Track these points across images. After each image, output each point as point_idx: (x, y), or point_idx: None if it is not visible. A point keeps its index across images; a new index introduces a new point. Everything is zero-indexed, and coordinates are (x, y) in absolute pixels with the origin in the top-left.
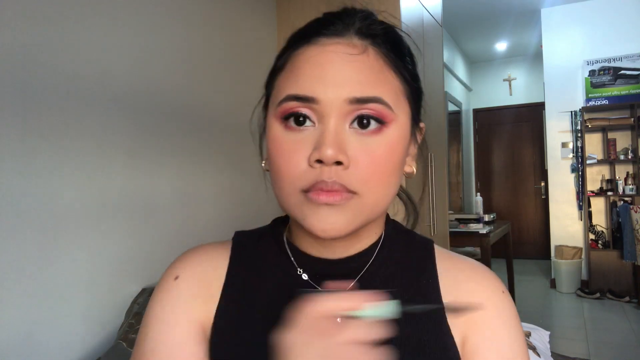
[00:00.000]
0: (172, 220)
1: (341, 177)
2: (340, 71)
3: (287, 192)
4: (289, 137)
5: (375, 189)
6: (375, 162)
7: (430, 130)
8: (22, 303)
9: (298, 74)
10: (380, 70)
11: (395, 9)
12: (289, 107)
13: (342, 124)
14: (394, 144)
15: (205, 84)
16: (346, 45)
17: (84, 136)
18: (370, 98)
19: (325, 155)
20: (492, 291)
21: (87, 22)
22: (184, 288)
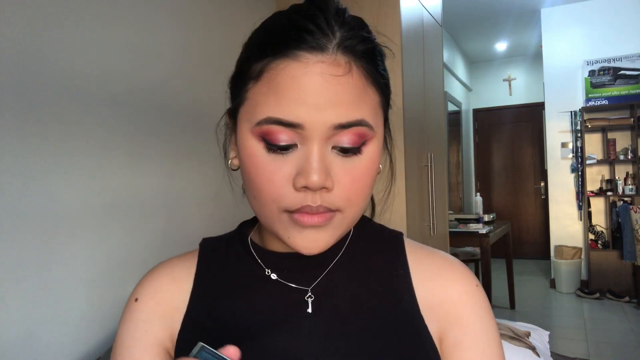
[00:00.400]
0: (173, 220)
1: (325, 199)
2: (324, 95)
3: (269, 210)
4: (269, 158)
5: (356, 204)
6: (356, 180)
7: (430, 130)
8: (22, 303)
9: (280, 95)
10: (363, 89)
11: (395, 9)
12: (271, 131)
13: (326, 147)
14: (373, 159)
15: (205, 83)
16: (330, 65)
17: (84, 136)
18: (353, 122)
19: (312, 183)
20: (467, 285)
21: (87, 22)
22: (143, 310)
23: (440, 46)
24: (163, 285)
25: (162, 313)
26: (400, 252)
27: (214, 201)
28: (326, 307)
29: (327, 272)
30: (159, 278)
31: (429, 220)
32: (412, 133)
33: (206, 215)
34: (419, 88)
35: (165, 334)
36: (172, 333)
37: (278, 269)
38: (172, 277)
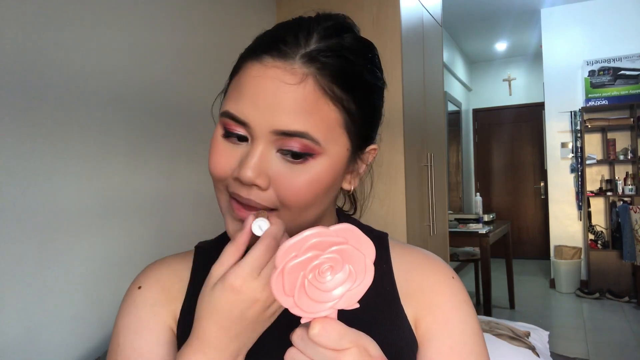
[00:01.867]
0: (172, 220)
1: (258, 196)
2: (271, 100)
3: (216, 187)
4: (225, 145)
5: (292, 210)
6: (294, 187)
7: (430, 130)
8: (22, 303)
9: (239, 91)
10: (314, 103)
11: (395, 9)
12: (227, 123)
13: (270, 149)
14: (318, 176)
15: (204, 84)
16: (284, 72)
17: (84, 136)
18: (295, 132)
19: (242, 176)
20: (442, 276)
21: (86, 22)
22: (148, 296)
23: (440, 46)
24: (164, 274)
25: (165, 298)
26: (384, 250)
27: (213, 201)
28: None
29: None
30: (160, 269)
31: (429, 220)
32: (412, 133)
33: (205, 215)
34: (419, 88)
35: (170, 318)
36: (175, 318)
37: None
38: (172, 269)
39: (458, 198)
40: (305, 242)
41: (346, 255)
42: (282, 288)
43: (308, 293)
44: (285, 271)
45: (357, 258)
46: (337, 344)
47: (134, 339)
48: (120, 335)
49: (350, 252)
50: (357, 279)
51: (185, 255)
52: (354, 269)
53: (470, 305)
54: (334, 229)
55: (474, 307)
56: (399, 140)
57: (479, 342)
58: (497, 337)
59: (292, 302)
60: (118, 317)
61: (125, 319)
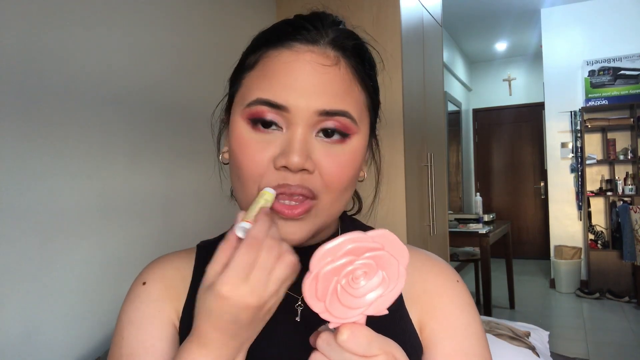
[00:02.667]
0: (172, 220)
1: (305, 181)
2: (312, 82)
3: (249, 190)
4: (254, 137)
5: (335, 192)
6: (338, 168)
7: (430, 130)
8: (22, 303)
9: (271, 78)
10: (349, 84)
11: (395, 8)
12: (258, 111)
13: (310, 132)
14: (355, 153)
15: (204, 84)
16: (320, 55)
17: (84, 136)
18: (338, 111)
19: (292, 163)
20: (446, 280)
21: (86, 22)
22: (153, 291)
23: (440, 46)
24: (167, 271)
25: (169, 295)
26: None
27: (213, 201)
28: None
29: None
30: (164, 266)
31: (429, 220)
32: (412, 133)
33: (205, 215)
34: (419, 88)
35: (174, 315)
36: (178, 314)
37: None
38: (175, 266)
39: (458, 198)
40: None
41: (381, 261)
42: (315, 293)
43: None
44: (320, 276)
45: (391, 264)
46: (366, 350)
47: (138, 333)
48: (125, 329)
49: (385, 258)
50: (390, 285)
51: (188, 253)
52: (387, 275)
53: (474, 308)
54: (371, 235)
55: (477, 310)
56: (399, 140)
57: (482, 344)
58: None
59: (322, 307)
60: (122, 312)
61: (129, 314)
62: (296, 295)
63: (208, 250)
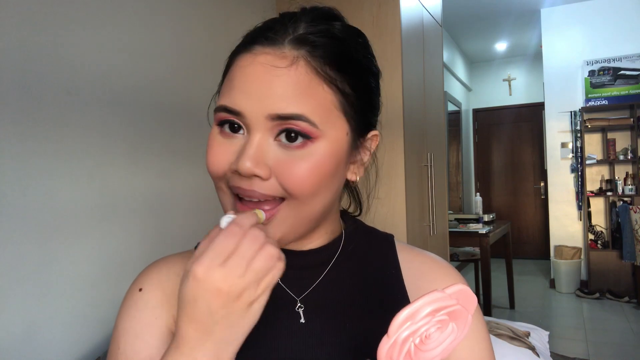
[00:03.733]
0: (172, 220)
1: (261, 187)
2: (263, 85)
3: (221, 189)
4: (221, 140)
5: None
6: (297, 173)
7: (430, 130)
8: (22, 303)
9: (231, 84)
10: (308, 85)
11: (395, 9)
12: (221, 117)
13: (267, 137)
14: (319, 161)
15: (203, 84)
16: (275, 57)
17: (84, 136)
18: (291, 115)
19: (242, 168)
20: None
21: (86, 22)
22: (150, 298)
23: (440, 46)
24: (164, 275)
25: (167, 302)
26: (392, 253)
27: (213, 201)
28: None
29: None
30: (160, 270)
31: (429, 220)
32: (412, 133)
33: (204, 215)
34: (419, 88)
35: (171, 322)
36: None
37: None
38: (173, 270)
39: (458, 198)
40: (422, 311)
41: (454, 315)
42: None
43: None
44: (398, 342)
45: (462, 317)
46: None
47: (135, 342)
48: (121, 338)
49: (458, 312)
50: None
51: (186, 255)
52: (456, 327)
53: (479, 311)
54: (450, 293)
55: (482, 313)
56: (399, 140)
57: (489, 348)
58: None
59: None
60: (118, 320)
61: (126, 322)
62: (300, 292)
63: None
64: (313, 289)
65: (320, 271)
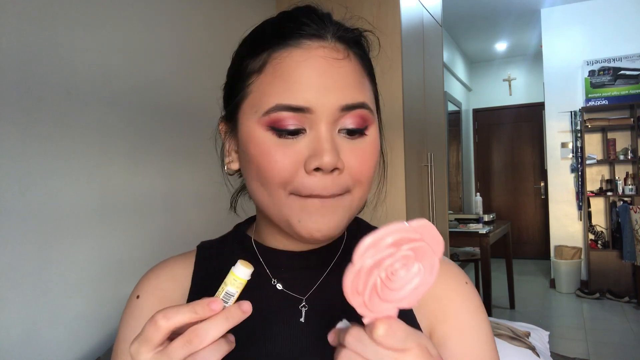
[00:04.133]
0: (172, 219)
1: (336, 182)
2: (330, 78)
3: (277, 196)
4: (278, 142)
5: (364, 185)
6: (364, 162)
7: (430, 130)
8: (22, 303)
9: (287, 80)
10: (361, 75)
11: (395, 9)
12: (280, 118)
13: (333, 129)
14: (375, 143)
15: (204, 84)
16: (331, 50)
17: (84, 136)
18: (358, 104)
19: (325, 163)
20: (455, 282)
21: (86, 22)
22: (146, 306)
23: (440, 46)
24: (162, 283)
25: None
26: None
27: (213, 201)
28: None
29: (325, 276)
30: (159, 276)
31: (429, 220)
32: (412, 133)
33: (205, 215)
34: (419, 88)
35: None
36: None
37: (277, 266)
38: (172, 275)
39: (458, 198)
40: (385, 240)
41: (419, 252)
42: (355, 287)
43: (379, 292)
44: (363, 270)
45: (428, 256)
46: (402, 345)
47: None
48: (119, 346)
49: (423, 249)
50: (425, 277)
51: (187, 257)
52: (423, 267)
53: (484, 310)
54: (413, 225)
55: (486, 312)
56: (399, 140)
57: (492, 348)
58: (497, 337)
59: (361, 302)
60: (118, 328)
61: (123, 330)
62: (303, 292)
63: (209, 253)
64: (316, 289)
65: (322, 271)
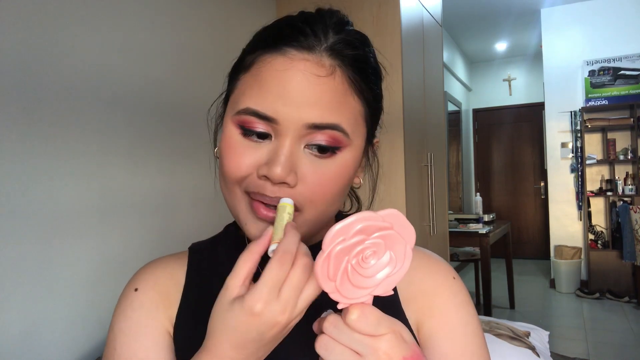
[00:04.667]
0: (172, 219)
1: (285, 193)
2: (303, 93)
3: (233, 192)
4: (245, 144)
5: (318, 207)
6: (323, 183)
7: (430, 130)
8: (22, 303)
9: (262, 86)
10: (343, 94)
11: (395, 9)
12: (247, 121)
13: (298, 144)
14: (344, 167)
15: (203, 84)
16: (314, 64)
17: (84, 136)
18: (328, 125)
19: (273, 174)
20: (443, 277)
21: (86, 21)
22: (145, 299)
23: (440, 46)
24: (160, 277)
25: (162, 302)
26: None
27: (213, 201)
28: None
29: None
30: (156, 271)
31: (429, 220)
32: (412, 133)
33: (205, 215)
34: (419, 88)
35: (167, 322)
36: (171, 322)
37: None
38: (168, 271)
39: (458, 198)
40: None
41: (389, 240)
42: (327, 272)
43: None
44: (332, 256)
45: (399, 244)
46: (375, 330)
47: (131, 343)
48: (117, 339)
49: (393, 237)
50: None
51: (180, 256)
52: (394, 255)
53: (471, 305)
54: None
55: (474, 307)
56: (399, 140)
57: (480, 343)
58: (497, 337)
59: (333, 287)
60: (114, 321)
61: (121, 323)
62: None
63: (200, 253)
64: None
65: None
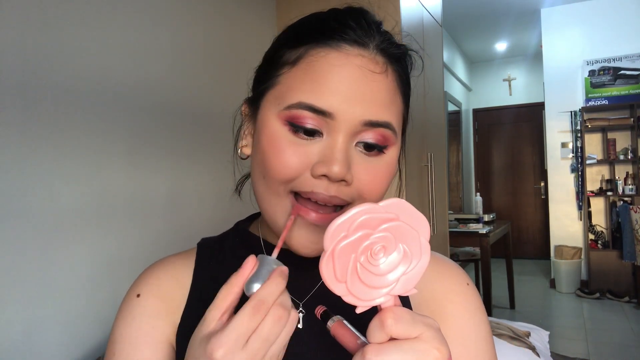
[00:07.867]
0: (173, 219)
1: (341, 192)
2: (361, 89)
3: (275, 192)
4: (291, 139)
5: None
6: (375, 180)
7: (430, 130)
8: (22, 303)
9: (317, 80)
10: (394, 93)
11: (395, 9)
12: (299, 116)
13: (351, 141)
14: (392, 166)
15: (205, 83)
16: (370, 61)
17: (85, 136)
18: (382, 123)
19: (333, 173)
20: (456, 283)
21: (86, 21)
22: (147, 305)
23: (440, 46)
24: (163, 281)
25: (166, 309)
26: None
27: (214, 200)
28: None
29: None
30: (159, 274)
31: (429, 220)
32: (412, 133)
33: (206, 215)
34: (419, 88)
35: (170, 330)
36: (175, 328)
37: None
38: (172, 273)
39: (458, 198)
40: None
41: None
42: (334, 273)
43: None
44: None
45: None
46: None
47: (130, 351)
48: (117, 345)
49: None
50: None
51: (187, 255)
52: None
53: (484, 311)
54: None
55: (486, 314)
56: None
57: (491, 350)
58: (497, 337)
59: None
60: (115, 325)
61: (122, 329)
62: (298, 300)
63: (210, 249)
64: (314, 294)
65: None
